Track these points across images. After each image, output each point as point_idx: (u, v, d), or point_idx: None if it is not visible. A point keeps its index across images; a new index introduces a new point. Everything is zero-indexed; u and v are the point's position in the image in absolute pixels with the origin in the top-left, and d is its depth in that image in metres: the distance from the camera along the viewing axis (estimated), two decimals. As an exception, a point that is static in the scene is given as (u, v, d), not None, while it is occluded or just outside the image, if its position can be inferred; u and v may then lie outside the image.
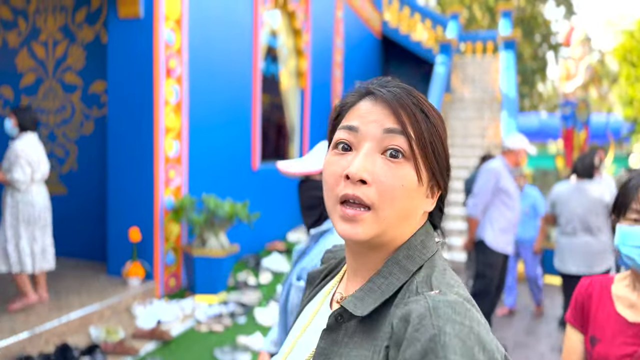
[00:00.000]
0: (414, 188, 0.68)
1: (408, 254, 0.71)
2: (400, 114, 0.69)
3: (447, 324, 0.57)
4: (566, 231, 4.02)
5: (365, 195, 0.66)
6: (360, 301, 0.68)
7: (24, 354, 3.36)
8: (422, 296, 0.62)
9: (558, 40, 18.90)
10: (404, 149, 0.68)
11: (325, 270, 0.92)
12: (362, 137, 0.70)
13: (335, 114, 0.78)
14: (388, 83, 0.75)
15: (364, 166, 0.67)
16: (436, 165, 0.71)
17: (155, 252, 4.77)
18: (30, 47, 5.61)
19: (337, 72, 9.37)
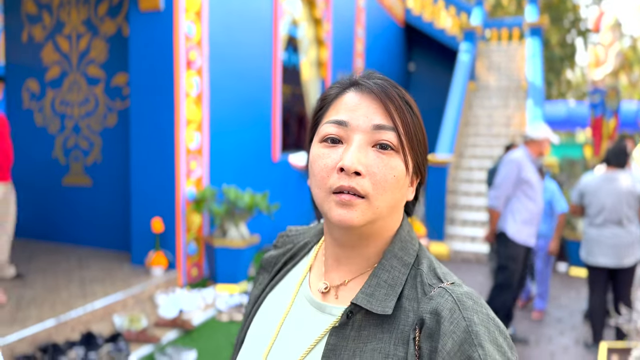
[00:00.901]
0: (402, 178, 0.71)
1: (402, 246, 0.74)
2: (389, 107, 0.70)
3: (474, 314, 0.63)
4: (595, 222, 3.93)
5: (360, 186, 0.68)
6: (371, 297, 0.69)
7: (51, 341, 3.45)
8: (442, 290, 0.67)
9: (587, 26, 18.39)
10: (393, 143, 0.70)
11: (285, 257, 0.90)
12: (352, 131, 0.71)
13: (318, 107, 0.79)
14: (371, 74, 0.75)
15: (357, 159, 0.68)
16: (419, 155, 0.74)
17: (177, 242, 4.83)
18: (55, 40, 5.71)
19: (358, 61, 9.30)
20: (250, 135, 5.99)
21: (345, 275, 0.76)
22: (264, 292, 0.88)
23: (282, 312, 0.81)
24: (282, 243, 0.94)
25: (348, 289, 0.76)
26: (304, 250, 0.88)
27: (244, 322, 0.89)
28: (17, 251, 5.34)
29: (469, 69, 9.59)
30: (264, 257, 0.94)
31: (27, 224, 5.93)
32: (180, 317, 4.09)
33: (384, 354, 0.67)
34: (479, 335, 0.61)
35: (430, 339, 0.64)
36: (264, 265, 0.93)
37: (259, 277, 0.92)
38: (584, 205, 4.02)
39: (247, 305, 0.91)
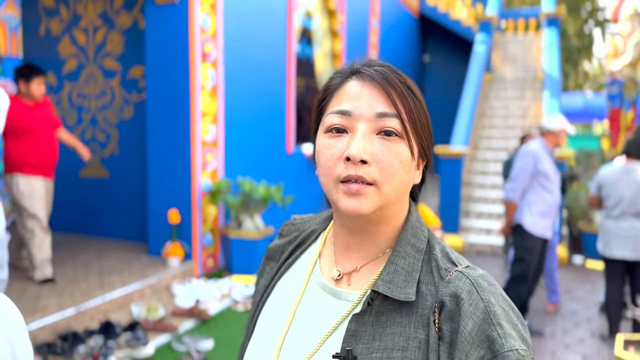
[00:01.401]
0: (408, 163, 0.72)
1: (414, 233, 0.76)
2: (391, 94, 0.71)
3: (491, 295, 0.66)
4: (612, 214, 3.89)
5: (367, 174, 0.69)
6: (391, 284, 0.71)
7: (70, 329, 3.52)
8: (459, 273, 0.69)
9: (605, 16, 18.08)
10: (397, 129, 0.71)
11: (292, 245, 0.90)
12: (356, 120, 0.72)
13: (321, 97, 0.79)
14: (371, 62, 0.76)
15: (363, 147, 0.69)
16: (424, 139, 0.75)
17: (193, 233, 4.88)
18: (71, 34, 5.77)
19: (372, 53, 9.26)
20: (264, 128, 6.01)
21: (357, 262, 0.78)
22: (272, 281, 0.88)
23: (294, 299, 0.82)
24: (287, 232, 0.95)
25: (360, 275, 0.77)
26: (312, 238, 0.89)
27: (252, 311, 0.90)
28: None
29: (485, 60, 9.50)
30: (269, 246, 0.94)
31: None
32: (196, 306, 4.14)
33: (404, 337, 0.69)
34: (496, 315, 0.64)
35: (451, 321, 0.66)
36: (270, 254, 0.93)
37: (266, 267, 0.93)
38: (602, 197, 3.98)
39: (255, 295, 0.92)
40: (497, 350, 0.62)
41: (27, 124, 4.03)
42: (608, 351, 3.94)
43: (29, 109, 4.08)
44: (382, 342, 0.69)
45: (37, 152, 4.09)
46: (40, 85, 4.10)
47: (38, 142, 4.09)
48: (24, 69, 4.06)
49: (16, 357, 0.71)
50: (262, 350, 0.81)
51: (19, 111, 4.00)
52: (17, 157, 4.02)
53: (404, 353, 0.68)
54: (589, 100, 11.72)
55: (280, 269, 0.89)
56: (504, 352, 0.62)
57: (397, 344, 0.69)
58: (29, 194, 4.04)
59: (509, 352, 0.62)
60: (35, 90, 4.06)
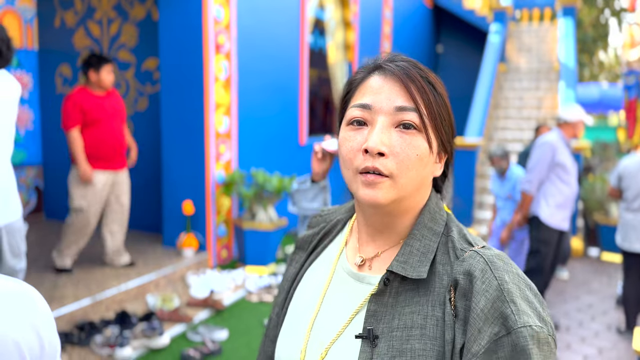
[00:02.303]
0: (426, 156, 0.74)
1: (431, 217, 0.79)
2: (410, 88, 0.73)
3: (505, 273, 0.68)
4: (632, 207, 3.84)
5: (384, 166, 0.72)
6: (405, 264, 0.74)
7: (87, 319, 3.56)
8: (474, 252, 0.72)
9: (622, 6, 17.78)
10: (416, 123, 0.73)
11: (320, 235, 0.94)
12: (376, 113, 0.74)
13: (345, 91, 0.82)
14: (395, 57, 0.78)
15: (381, 140, 0.72)
16: (444, 133, 0.76)
17: (207, 224, 4.90)
18: (86, 25, 5.79)
19: (385, 44, 9.19)
20: (277, 119, 6.01)
21: (378, 248, 0.81)
22: (302, 269, 0.93)
23: (323, 285, 0.86)
24: (315, 223, 0.99)
25: (381, 260, 0.81)
26: (338, 227, 0.93)
27: (282, 299, 0.93)
28: (53, 233, 5.49)
29: (499, 50, 9.39)
30: (299, 237, 0.99)
31: (62, 206, 6.08)
32: (211, 297, 4.17)
33: (422, 315, 0.72)
34: (510, 292, 0.66)
35: (465, 298, 0.69)
36: (300, 244, 0.97)
37: (295, 256, 0.97)
38: (622, 188, 3.93)
39: (284, 282, 0.95)
40: (511, 327, 0.63)
41: (95, 114, 4.03)
42: (624, 345, 3.90)
43: (98, 99, 4.08)
44: (402, 321, 0.72)
45: (103, 143, 4.08)
46: (110, 74, 4.11)
47: (105, 132, 4.08)
48: (92, 58, 4.03)
49: (43, 347, 0.71)
50: (293, 334, 0.85)
51: (88, 101, 4.01)
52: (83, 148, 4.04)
53: (422, 331, 0.71)
54: (604, 90, 11.55)
55: (309, 257, 0.94)
56: (517, 328, 0.63)
57: (416, 322, 0.71)
58: (80, 186, 4.06)
59: (522, 329, 0.63)
60: (106, 78, 4.06)
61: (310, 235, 0.96)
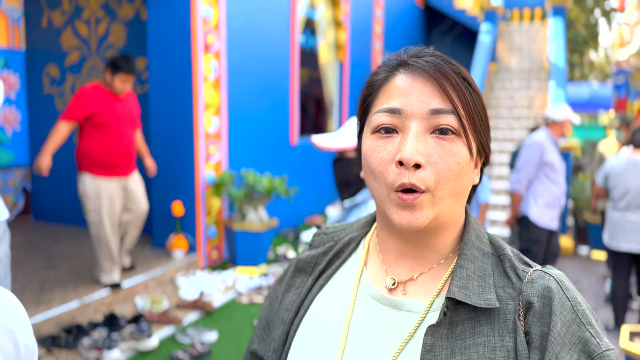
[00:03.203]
0: (467, 164, 0.65)
1: (477, 235, 0.71)
2: (445, 87, 0.64)
3: (575, 294, 0.64)
4: (618, 206, 3.86)
5: (421, 181, 0.63)
6: (467, 290, 0.65)
7: (74, 322, 3.53)
8: (541, 272, 0.66)
9: (611, 6, 17.91)
10: (454, 127, 0.64)
11: (327, 256, 0.81)
12: (407, 119, 0.65)
13: (365, 94, 0.72)
14: (421, 52, 0.69)
15: (416, 149, 0.62)
16: (483, 136, 0.68)
17: (197, 225, 4.87)
18: (74, 25, 5.74)
19: (377, 43, 9.19)
20: (268, 119, 5.99)
21: (412, 270, 0.71)
22: (308, 296, 0.79)
23: (343, 314, 0.73)
24: (319, 242, 0.86)
25: (419, 284, 0.70)
26: (351, 246, 0.81)
27: (283, 333, 0.79)
28: (41, 235, 5.45)
29: (490, 50, 9.42)
30: (299, 258, 0.84)
31: (50, 208, 6.04)
32: (200, 299, 4.14)
33: (489, 347, 0.63)
34: (585, 314, 0.62)
35: (540, 322, 0.62)
36: (301, 266, 0.83)
37: (295, 280, 0.83)
38: (608, 188, 3.95)
39: (282, 312, 0.81)
40: (594, 351, 0.59)
41: (106, 117, 3.77)
42: (613, 342, 3.92)
43: (112, 101, 3.81)
44: (465, 355, 0.63)
45: (112, 149, 3.80)
46: (125, 83, 3.82)
47: (115, 138, 3.80)
48: (116, 61, 3.76)
49: (19, 352, 0.70)
50: None
51: (99, 100, 3.75)
52: (89, 154, 3.76)
53: None
54: (595, 90, 11.62)
55: (317, 281, 0.80)
56: (602, 352, 0.59)
57: (483, 356, 0.62)
58: (93, 196, 3.78)
59: (607, 352, 0.59)
60: (118, 86, 3.79)
61: (315, 257, 0.82)
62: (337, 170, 1.63)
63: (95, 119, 3.75)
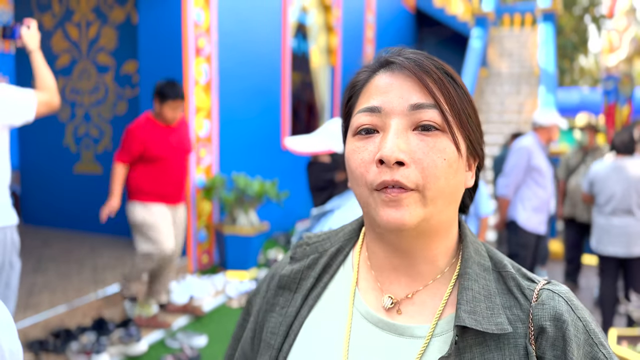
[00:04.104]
0: (455, 161, 0.61)
1: (475, 249, 0.66)
2: (426, 81, 0.61)
3: (584, 312, 0.62)
4: (604, 211, 3.89)
5: (406, 178, 0.58)
6: (475, 315, 0.60)
7: (63, 326, 3.50)
8: (549, 292, 0.63)
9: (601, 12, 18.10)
10: (437, 122, 0.60)
11: (315, 270, 0.74)
12: (387, 116, 0.61)
13: (347, 97, 0.70)
14: (403, 51, 0.66)
15: (397, 146, 0.58)
16: (472, 133, 0.64)
17: (187, 229, 4.86)
18: (64, 28, 5.72)
19: (368, 48, 9.23)
20: (259, 123, 5.99)
21: (408, 287, 0.66)
22: (297, 318, 0.72)
23: (338, 339, 0.67)
24: (301, 254, 0.77)
25: (417, 304, 0.65)
26: (339, 259, 0.74)
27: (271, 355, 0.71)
28: (30, 238, 5.41)
29: (481, 55, 9.49)
30: (281, 274, 0.76)
31: (40, 212, 6.00)
32: (190, 303, 4.13)
33: None
34: (596, 334, 0.61)
35: (554, 347, 0.59)
36: (284, 283, 0.75)
37: (278, 299, 0.75)
38: (594, 193, 3.99)
39: (267, 336, 0.73)
40: None
41: (158, 151, 3.58)
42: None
43: (164, 133, 3.62)
44: None
45: (163, 180, 3.65)
46: (175, 110, 3.59)
47: (167, 170, 3.64)
48: (162, 88, 3.55)
49: (4, 357, 0.70)
50: None
51: (152, 136, 3.56)
52: (140, 185, 3.61)
53: None
54: (585, 95, 11.72)
55: (306, 301, 0.72)
56: None
57: None
58: (143, 220, 3.58)
59: None
60: (168, 114, 3.57)
61: (299, 272, 0.74)
62: (310, 174, 1.59)
63: (147, 153, 3.57)
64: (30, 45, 2.55)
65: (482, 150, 0.67)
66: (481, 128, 0.67)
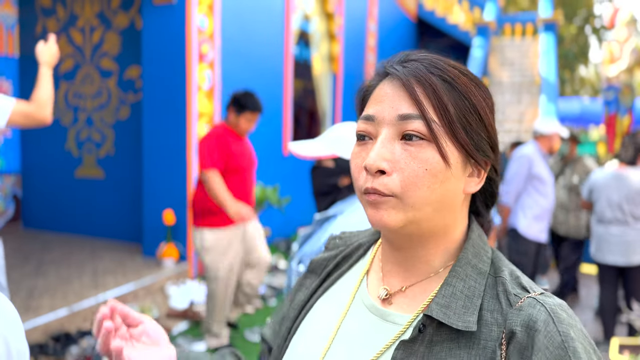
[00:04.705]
0: (441, 171, 0.62)
1: (475, 252, 0.67)
2: (415, 92, 0.62)
3: (570, 329, 0.57)
4: (602, 219, 3.89)
5: (384, 186, 0.62)
6: (447, 309, 0.62)
7: (63, 330, 3.50)
8: (532, 300, 0.60)
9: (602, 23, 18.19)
10: (421, 132, 0.62)
11: (336, 259, 0.82)
12: (379, 125, 0.65)
13: (360, 99, 0.73)
14: (408, 56, 0.67)
15: (380, 155, 0.62)
16: (469, 141, 0.63)
17: (188, 234, 4.86)
18: (68, 33, 5.75)
19: (370, 56, 9.27)
20: (261, 129, 5.99)
21: (405, 281, 0.70)
22: (313, 297, 0.81)
23: (336, 318, 0.74)
24: (333, 245, 0.87)
25: (406, 296, 0.69)
26: (359, 252, 0.81)
27: (286, 329, 0.82)
28: (31, 242, 5.41)
29: (482, 64, 9.52)
30: (312, 259, 0.86)
31: (40, 216, 6.00)
32: (190, 308, 4.12)
33: None
34: (576, 353, 0.55)
35: (521, 355, 0.58)
36: (312, 267, 0.85)
37: (306, 280, 0.86)
38: (592, 201, 3.99)
39: (290, 310, 0.84)
40: None
41: (239, 161, 3.41)
42: (603, 355, 3.93)
43: (240, 144, 3.45)
44: None
45: (241, 195, 3.46)
46: (252, 122, 3.48)
47: (244, 183, 3.45)
48: (241, 98, 3.43)
49: (12, 356, 0.70)
50: None
51: (232, 144, 3.38)
52: (209, 204, 3.38)
53: None
54: (585, 105, 11.76)
55: (323, 284, 0.81)
56: None
57: None
58: (212, 250, 3.42)
59: None
60: (244, 125, 3.45)
61: (326, 259, 0.84)
62: (314, 179, 1.58)
63: (230, 164, 3.38)
64: (41, 58, 2.50)
65: (492, 156, 0.67)
66: (491, 132, 0.67)
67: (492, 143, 0.67)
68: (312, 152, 1.54)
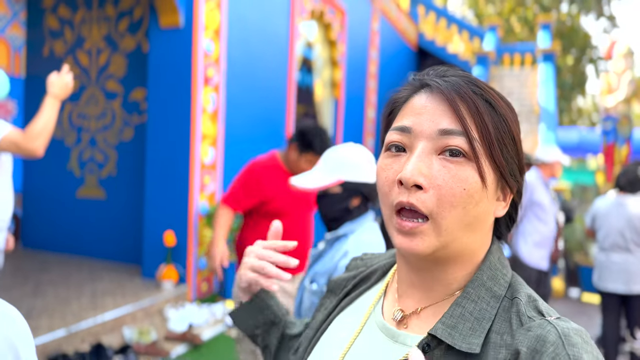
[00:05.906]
0: (477, 191, 0.60)
1: (492, 275, 0.64)
2: (459, 108, 0.60)
3: (583, 354, 0.53)
4: (604, 247, 3.90)
5: (421, 202, 0.59)
6: (453, 330, 0.60)
7: (61, 351, 3.45)
8: (544, 321, 0.57)
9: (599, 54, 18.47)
10: (464, 149, 0.60)
11: (355, 280, 0.82)
12: (416, 138, 0.62)
13: (388, 111, 0.70)
14: (446, 72, 0.66)
15: (418, 169, 0.59)
16: (504, 163, 0.62)
17: (188, 256, 4.84)
18: (75, 55, 5.83)
19: (371, 83, 9.38)
20: (263, 152, 6.03)
21: (420, 302, 0.67)
22: (330, 316, 0.80)
23: (349, 337, 0.73)
24: (354, 266, 0.88)
25: (421, 318, 0.67)
26: (377, 273, 0.80)
27: (304, 348, 0.82)
28: (29, 262, 5.37)
29: (481, 93, 9.63)
30: (332, 279, 0.87)
31: (40, 235, 5.98)
32: (189, 331, 4.08)
33: None
34: None
35: None
36: (332, 288, 0.86)
37: (326, 300, 0.86)
38: (595, 229, 4.01)
39: (309, 330, 0.84)
40: None
41: (279, 203, 2.82)
42: (605, 386, 3.89)
43: (287, 182, 2.79)
44: None
45: None
46: (312, 165, 2.73)
47: (289, 228, 2.81)
48: (308, 136, 2.72)
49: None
50: None
51: (274, 181, 2.83)
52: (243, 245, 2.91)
53: None
54: (583, 135, 11.85)
55: (340, 303, 0.81)
56: None
57: None
58: None
59: None
60: (304, 166, 2.76)
61: (345, 279, 0.84)
62: (323, 207, 1.59)
63: (268, 207, 2.83)
64: (50, 89, 2.47)
65: (519, 182, 0.66)
66: (521, 159, 0.66)
67: (521, 168, 0.66)
68: (316, 183, 1.56)
